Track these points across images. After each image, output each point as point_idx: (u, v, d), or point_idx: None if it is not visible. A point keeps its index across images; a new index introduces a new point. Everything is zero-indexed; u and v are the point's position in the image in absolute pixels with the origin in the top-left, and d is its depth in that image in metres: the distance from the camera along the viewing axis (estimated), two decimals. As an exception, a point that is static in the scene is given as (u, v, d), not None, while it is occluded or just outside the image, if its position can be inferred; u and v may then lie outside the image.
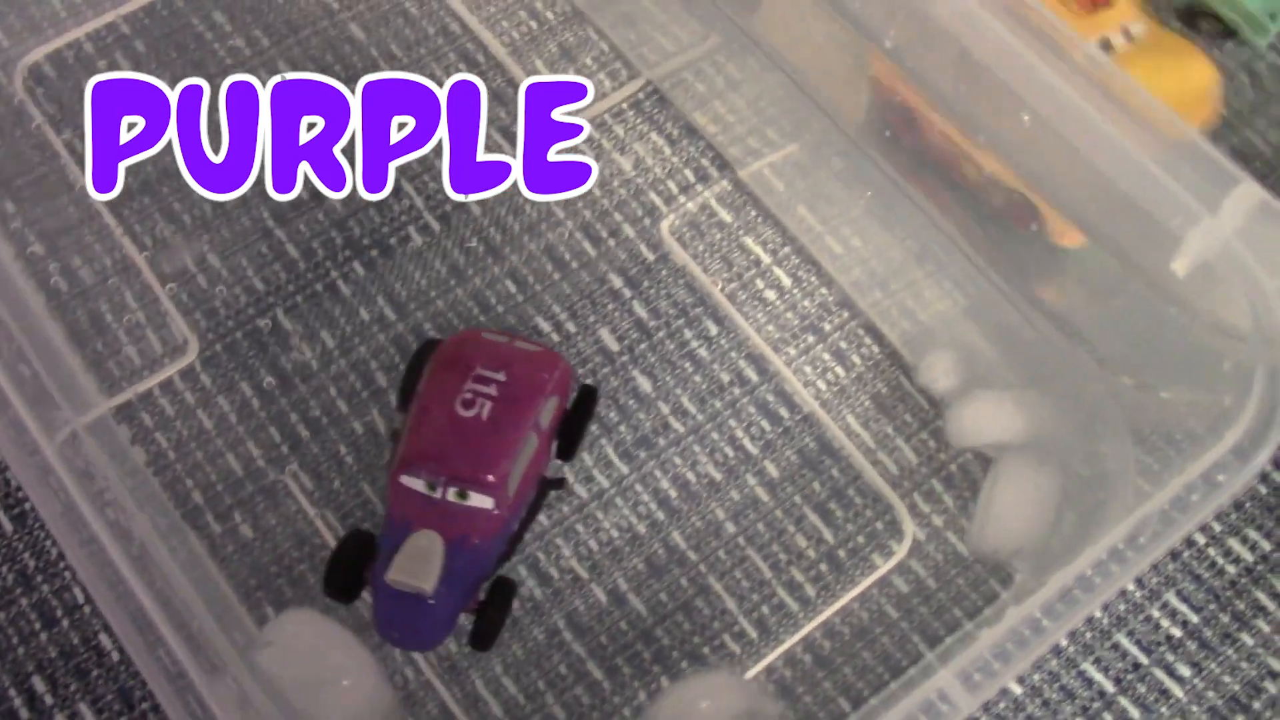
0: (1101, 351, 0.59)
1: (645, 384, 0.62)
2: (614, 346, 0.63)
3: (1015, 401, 0.59)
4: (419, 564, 0.52)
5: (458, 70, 0.70)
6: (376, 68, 0.70)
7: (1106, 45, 0.62)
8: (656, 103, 0.69)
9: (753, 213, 0.66)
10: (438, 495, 0.54)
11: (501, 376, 0.55)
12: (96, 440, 0.54)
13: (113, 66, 0.69)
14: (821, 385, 0.62)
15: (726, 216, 0.66)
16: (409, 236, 0.65)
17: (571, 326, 0.63)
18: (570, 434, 0.58)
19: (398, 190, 0.66)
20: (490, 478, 0.53)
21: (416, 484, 0.54)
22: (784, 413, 0.62)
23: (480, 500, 0.53)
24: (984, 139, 0.53)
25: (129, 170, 0.65)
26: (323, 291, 0.64)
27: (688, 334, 0.63)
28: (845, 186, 0.65)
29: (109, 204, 0.66)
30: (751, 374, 0.63)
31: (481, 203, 0.66)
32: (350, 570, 0.55)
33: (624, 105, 0.69)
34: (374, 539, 0.55)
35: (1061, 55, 0.49)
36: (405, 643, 0.55)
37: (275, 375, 0.62)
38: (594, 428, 0.61)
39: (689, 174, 0.67)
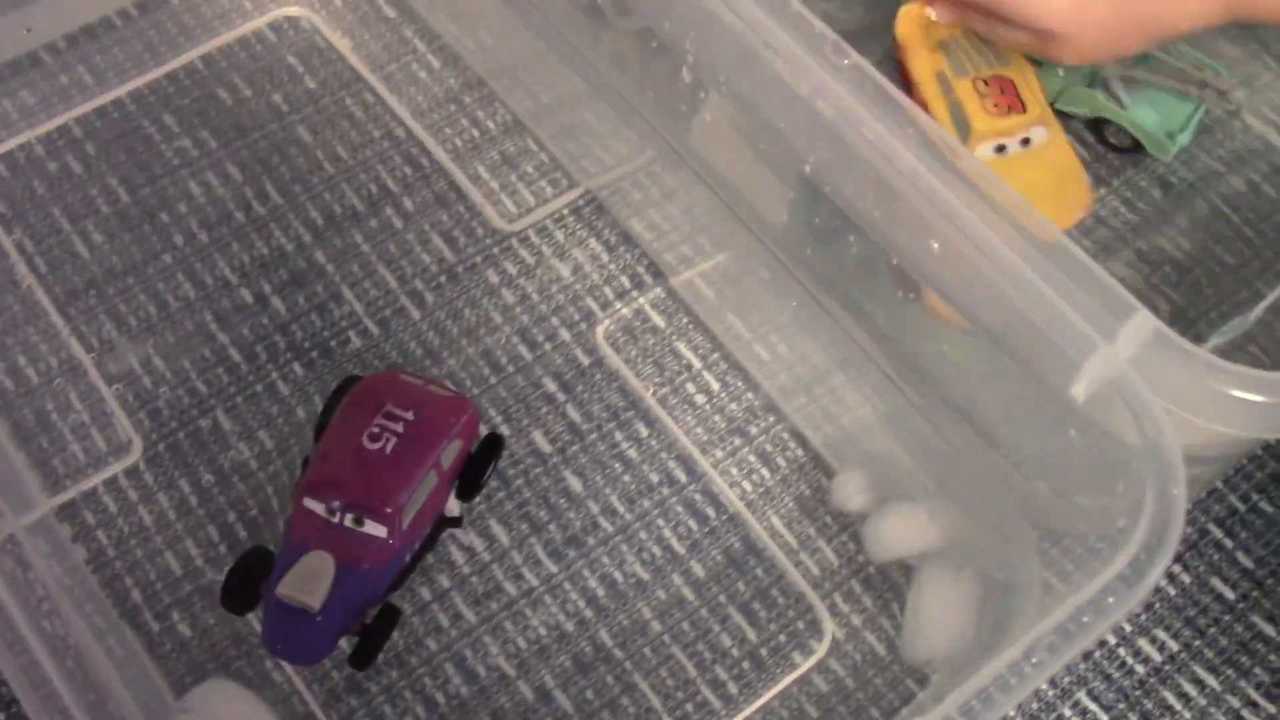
0: (1015, 457, 0.62)
1: (576, 484, 0.64)
2: (547, 448, 0.65)
3: (928, 512, 0.61)
4: (309, 581, 0.56)
5: (402, 173, 0.72)
6: (322, 170, 0.72)
7: (1002, 148, 0.67)
8: (595, 210, 0.71)
9: (684, 319, 0.68)
10: (335, 520, 0.57)
11: (409, 416, 0.59)
12: (37, 540, 0.55)
13: (64, 168, 0.71)
14: (747, 486, 0.64)
15: (659, 322, 0.68)
16: (349, 340, 0.67)
17: (506, 429, 0.65)
18: (471, 477, 0.62)
19: (338, 296, 0.68)
20: (386, 508, 0.57)
21: (317, 508, 0.57)
22: (710, 513, 0.64)
23: (375, 528, 0.57)
24: (897, 259, 0.56)
25: (75, 269, 0.67)
26: (262, 392, 0.66)
27: (619, 436, 0.65)
28: (772, 295, 0.67)
29: (55, 303, 0.67)
30: (680, 475, 0.65)
31: (421, 307, 0.68)
32: (247, 582, 0.58)
33: (564, 211, 0.71)
34: (273, 556, 0.58)
35: (975, 188, 0.52)
36: (289, 655, 0.58)
37: (214, 474, 0.64)
38: (524, 526, 0.63)
39: (625, 280, 0.69)
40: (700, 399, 0.66)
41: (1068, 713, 0.61)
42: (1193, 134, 0.73)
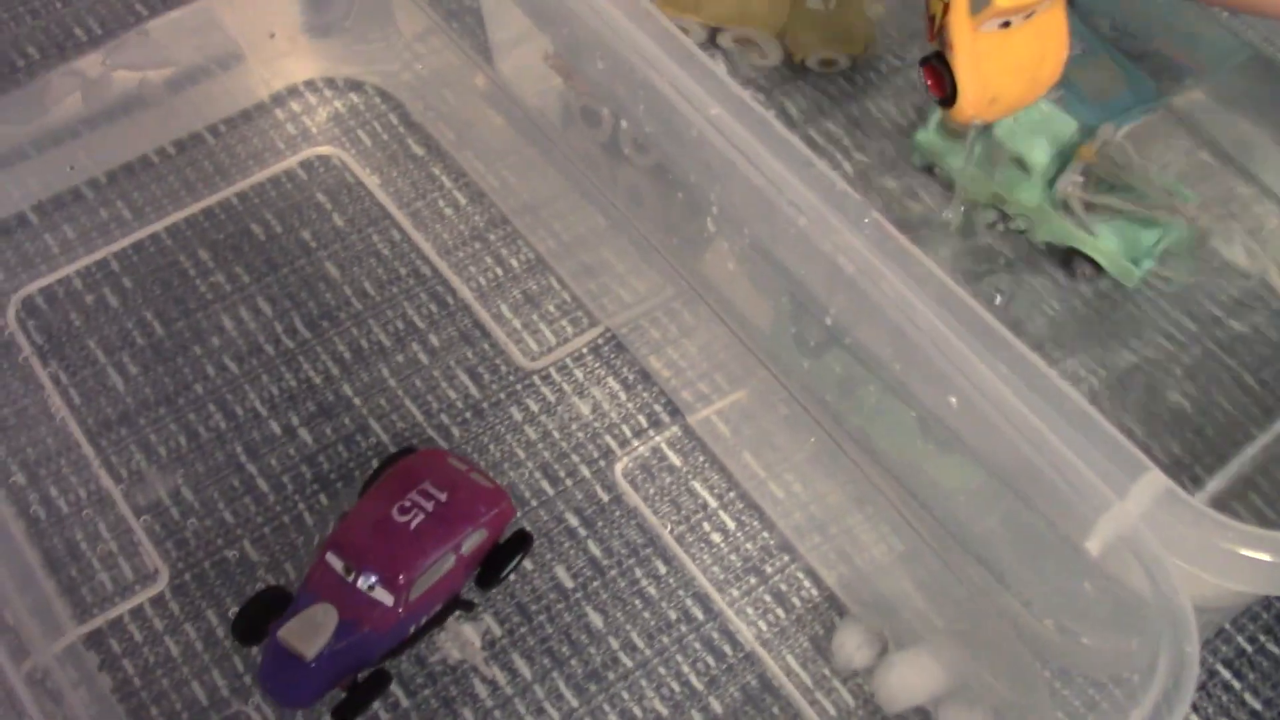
0: (1026, 598, 0.63)
1: (597, 619, 0.65)
2: (569, 583, 0.66)
3: (934, 656, 0.62)
4: (309, 630, 0.59)
5: (428, 310, 0.74)
6: (349, 306, 0.74)
7: (1007, 24, 0.61)
8: (614, 348, 0.73)
9: (701, 458, 0.70)
10: (350, 579, 0.60)
11: (443, 497, 0.62)
12: (66, 668, 0.56)
13: (100, 301, 0.73)
14: (762, 625, 0.66)
15: (676, 461, 0.70)
16: (371, 467, 0.69)
17: (528, 564, 0.66)
18: (493, 567, 0.64)
19: (365, 429, 0.70)
20: (397, 579, 0.60)
21: (336, 564, 0.61)
22: (727, 650, 0.65)
23: (383, 595, 0.60)
24: (914, 414, 0.58)
25: (108, 400, 0.69)
26: (289, 523, 0.67)
27: (638, 572, 0.67)
28: (789, 433, 0.69)
29: (88, 434, 0.69)
30: (697, 612, 0.66)
31: (447, 440, 0.70)
32: (257, 617, 0.62)
33: (584, 350, 0.73)
34: (289, 599, 0.61)
35: (989, 338, 0.54)
36: (276, 694, 0.60)
37: (241, 604, 0.65)
38: (546, 661, 0.64)
39: (642, 419, 0.71)
40: (716, 537, 0.68)
41: None
42: (1156, 260, 0.75)
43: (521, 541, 0.66)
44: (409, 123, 0.82)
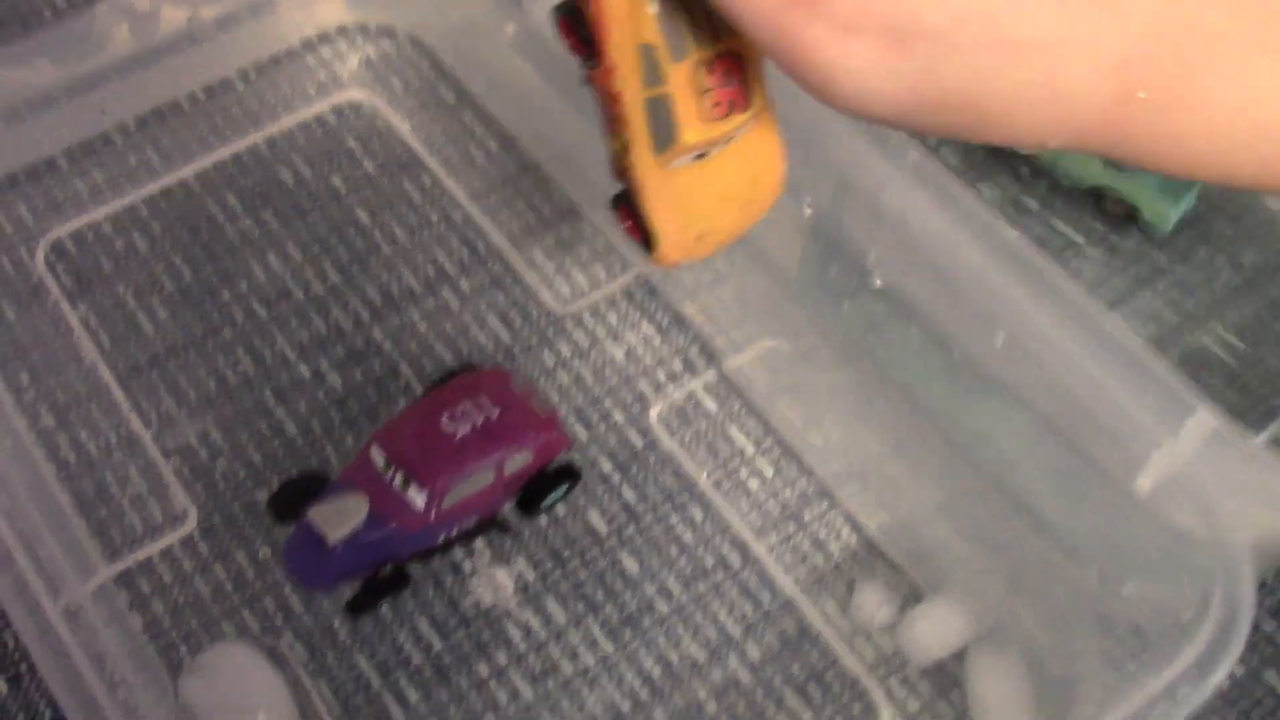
0: (1072, 544, 0.62)
1: (631, 565, 0.65)
2: (602, 528, 0.65)
3: (950, 607, 0.61)
4: (338, 516, 0.59)
5: (459, 256, 0.73)
6: (379, 251, 0.73)
7: (702, 155, 0.45)
8: (647, 293, 0.72)
9: (737, 404, 0.69)
10: (387, 475, 0.60)
11: (494, 413, 0.62)
12: (98, 606, 0.56)
13: (129, 246, 0.72)
14: (801, 573, 0.65)
15: (712, 406, 0.69)
16: (400, 405, 0.68)
17: (561, 509, 0.66)
18: (535, 493, 0.64)
19: (395, 372, 0.69)
20: (433, 484, 0.60)
21: (377, 457, 0.61)
22: (765, 597, 0.64)
23: (415, 496, 0.60)
24: (958, 354, 0.57)
25: (137, 345, 0.68)
26: (317, 466, 0.66)
27: (674, 519, 0.66)
28: (827, 380, 0.68)
29: (118, 378, 0.68)
30: (734, 559, 0.65)
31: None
32: (294, 496, 0.63)
33: (617, 295, 0.72)
34: (327, 484, 0.62)
35: (1036, 279, 0.53)
36: (297, 573, 0.61)
37: (270, 546, 0.64)
38: (580, 606, 0.63)
39: (677, 364, 0.70)
40: (753, 484, 0.67)
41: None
42: (1192, 204, 0.74)
43: (568, 473, 0.65)
44: (440, 69, 0.81)
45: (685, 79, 0.42)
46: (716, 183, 0.47)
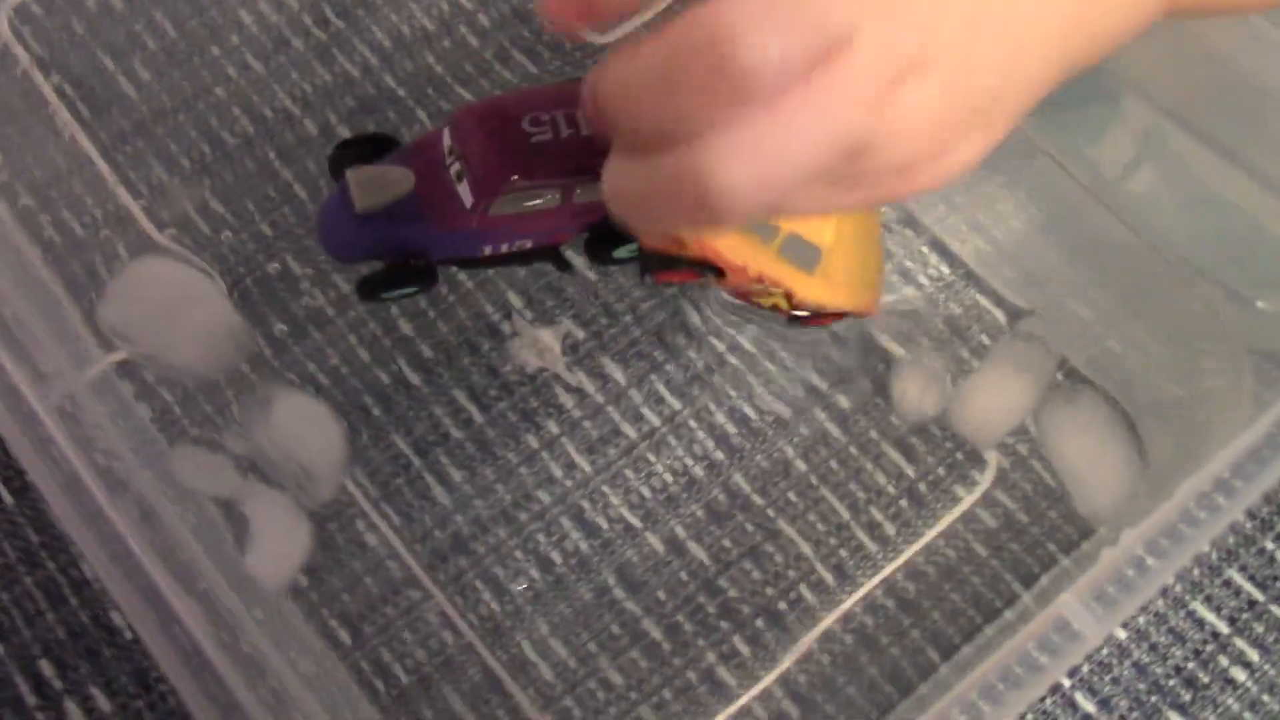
0: (1190, 256, 0.54)
1: (694, 319, 0.57)
2: (658, 278, 0.57)
3: (996, 382, 0.55)
4: (375, 184, 0.52)
5: None
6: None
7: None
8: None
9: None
10: (447, 160, 0.52)
11: (585, 132, 0.51)
12: (102, 396, 0.49)
13: (103, 5, 0.64)
14: (888, 300, 0.57)
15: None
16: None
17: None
18: (605, 237, 0.55)
19: (411, 120, 0.61)
20: (487, 185, 0.51)
21: (446, 140, 0.53)
22: (851, 337, 0.56)
23: (465, 193, 0.51)
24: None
25: (120, 111, 0.60)
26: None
27: (740, 262, 0.58)
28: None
29: (100, 149, 0.60)
30: (811, 302, 0.57)
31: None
32: (352, 157, 0.54)
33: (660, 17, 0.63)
34: (393, 148, 0.55)
35: None
36: (320, 232, 0.55)
37: (287, 322, 0.57)
38: (641, 364, 0.56)
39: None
40: (827, 216, 0.59)
41: (1270, 545, 0.53)
42: None
43: None
44: None
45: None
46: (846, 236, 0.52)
